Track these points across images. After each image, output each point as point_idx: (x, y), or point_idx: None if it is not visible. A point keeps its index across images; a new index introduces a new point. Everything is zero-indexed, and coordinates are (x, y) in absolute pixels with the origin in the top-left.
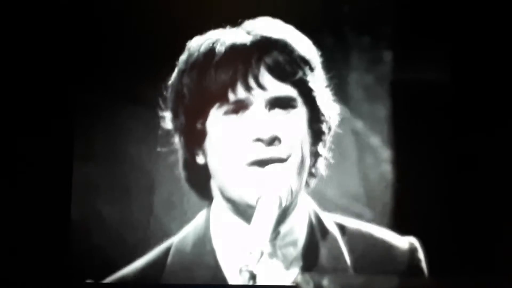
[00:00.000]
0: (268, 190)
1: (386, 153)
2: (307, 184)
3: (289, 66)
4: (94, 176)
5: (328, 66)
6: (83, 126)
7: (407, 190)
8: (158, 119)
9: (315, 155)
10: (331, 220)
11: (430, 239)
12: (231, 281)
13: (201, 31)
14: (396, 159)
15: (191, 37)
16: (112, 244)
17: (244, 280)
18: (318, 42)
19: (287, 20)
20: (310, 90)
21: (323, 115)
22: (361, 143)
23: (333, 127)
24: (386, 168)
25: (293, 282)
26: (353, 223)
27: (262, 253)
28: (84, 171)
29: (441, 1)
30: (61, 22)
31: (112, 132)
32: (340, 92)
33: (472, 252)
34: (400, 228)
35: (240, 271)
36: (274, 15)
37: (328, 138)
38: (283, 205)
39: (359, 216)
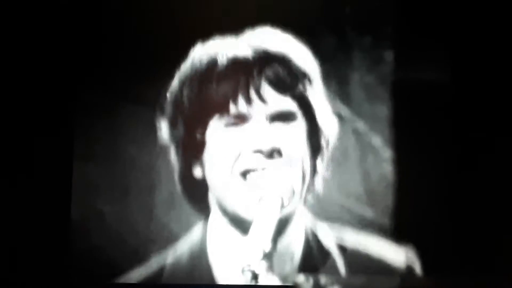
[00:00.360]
0: (270, 190)
1: (387, 153)
2: (304, 199)
3: (289, 79)
4: (94, 176)
5: (328, 73)
6: (83, 126)
7: (408, 190)
8: (155, 128)
9: (313, 170)
10: (328, 236)
11: (431, 238)
12: None
13: (201, 31)
14: (397, 159)
15: (191, 38)
16: (112, 244)
17: (246, 279)
18: (319, 43)
19: (288, 21)
20: (309, 103)
21: (321, 129)
22: (362, 143)
23: (332, 142)
24: (387, 168)
25: (293, 282)
26: (350, 238)
27: (264, 253)
28: (84, 171)
29: (441, 1)
30: (61, 22)
31: (112, 132)
32: (341, 92)
33: (472, 252)
34: (401, 227)
35: (243, 270)
36: (276, 16)
37: (326, 153)
38: (285, 205)
39: (360, 216)
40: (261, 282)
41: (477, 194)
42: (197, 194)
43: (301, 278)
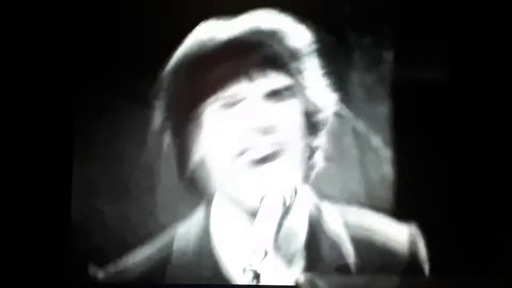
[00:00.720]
0: (271, 189)
1: (387, 153)
2: (306, 177)
3: (283, 56)
4: (94, 176)
5: (325, 59)
6: (83, 126)
7: (408, 190)
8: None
9: (312, 147)
10: (331, 212)
11: (431, 239)
12: (232, 278)
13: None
14: (397, 158)
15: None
16: (112, 244)
17: (247, 279)
18: (319, 42)
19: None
20: (304, 80)
21: (317, 105)
22: (362, 143)
23: (330, 118)
24: (387, 168)
25: (294, 282)
26: (354, 214)
27: (266, 253)
28: (84, 171)
29: (441, 1)
30: (61, 22)
31: (112, 132)
32: (341, 92)
33: (473, 252)
34: None
35: (244, 270)
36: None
37: (324, 129)
38: (287, 204)
39: None
40: (262, 281)
41: (477, 194)
42: (197, 180)
43: (302, 278)
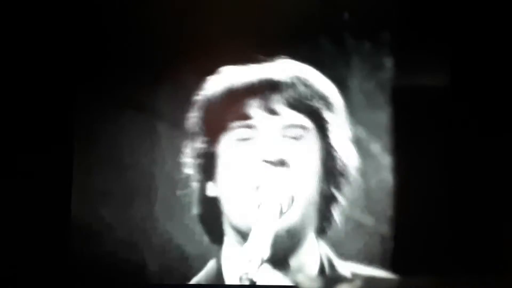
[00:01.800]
0: (268, 197)
1: (386, 160)
2: (323, 230)
3: (305, 98)
4: (94, 180)
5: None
6: (83, 130)
7: (407, 197)
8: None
9: (329, 197)
10: (342, 265)
11: (431, 243)
12: None
13: (203, 41)
14: (397, 165)
15: (192, 42)
16: (112, 247)
17: None
18: (318, 49)
19: (287, 25)
20: (325, 124)
21: (338, 154)
22: (361, 149)
23: (352, 172)
24: (386, 175)
25: (294, 282)
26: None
27: (262, 260)
28: (84, 175)
29: (441, 7)
30: (65, 27)
31: (112, 138)
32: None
33: (473, 255)
34: (401, 233)
35: (240, 279)
36: (275, 20)
37: (344, 181)
38: (284, 211)
39: (359, 222)
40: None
41: (477, 197)
42: (213, 217)
43: (301, 277)
